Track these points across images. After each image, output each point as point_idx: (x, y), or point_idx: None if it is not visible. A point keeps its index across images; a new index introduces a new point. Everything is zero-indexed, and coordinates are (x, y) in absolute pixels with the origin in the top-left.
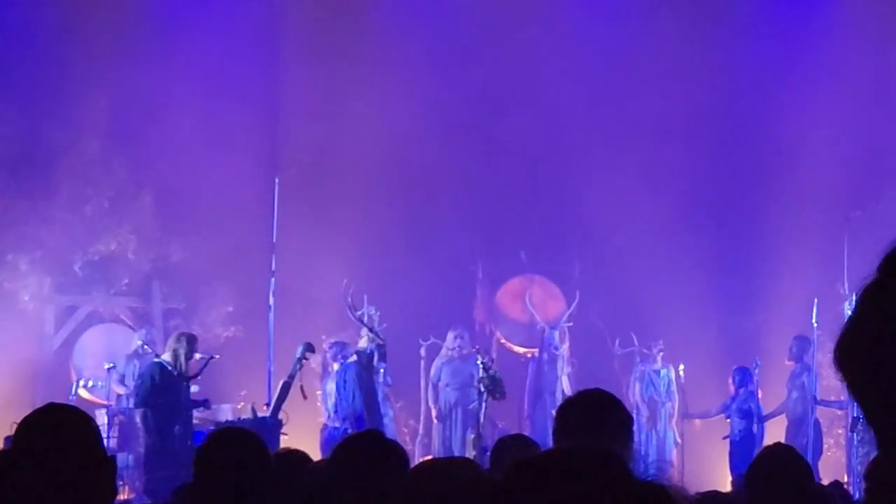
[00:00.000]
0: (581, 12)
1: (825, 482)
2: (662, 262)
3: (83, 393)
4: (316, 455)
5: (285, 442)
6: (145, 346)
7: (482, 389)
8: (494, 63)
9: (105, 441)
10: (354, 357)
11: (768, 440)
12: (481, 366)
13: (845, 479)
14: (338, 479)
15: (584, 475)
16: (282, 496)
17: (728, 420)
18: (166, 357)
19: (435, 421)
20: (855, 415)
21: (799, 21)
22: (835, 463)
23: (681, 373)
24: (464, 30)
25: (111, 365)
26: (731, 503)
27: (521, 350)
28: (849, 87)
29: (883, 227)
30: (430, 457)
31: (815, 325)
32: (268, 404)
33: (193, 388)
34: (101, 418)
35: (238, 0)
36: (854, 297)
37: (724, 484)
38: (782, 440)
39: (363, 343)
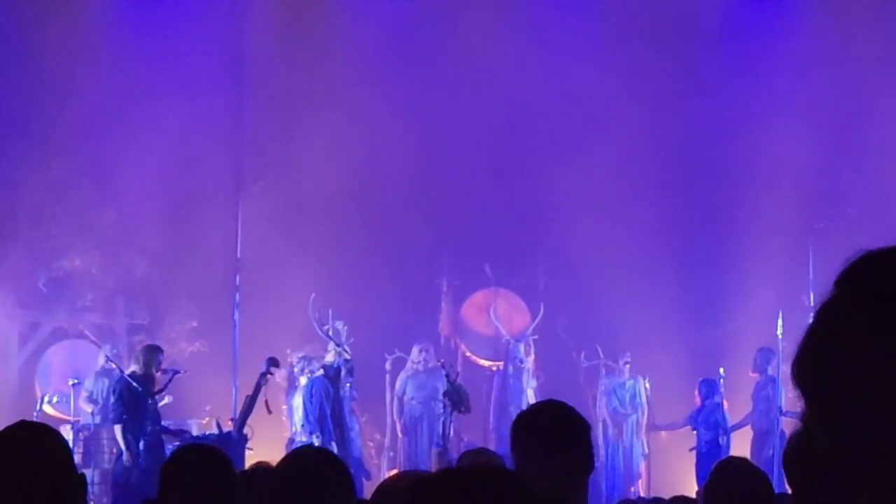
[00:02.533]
0: (552, 26)
1: (790, 492)
2: (628, 274)
3: (48, 409)
4: None
5: (251, 457)
6: (111, 362)
7: (447, 403)
8: (462, 77)
9: None
10: (321, 371)
11: (735, 452)
12: (447, 379)
13: None
14: (284, 495)
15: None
16: None
17: (694, 432)
18: (133, 371)
19: (400, 435)
20: None
21: (763, 36)
22: None
23: (646, 385)
24: (428, 46)
25: (75, 381)
26: None
27: (486, 363)
28: (814, 99)
29: (848, 238)
30: (395, 471)
31: (780, 336)
32: (233, 419)
33: (167, 401)
34: (66, 434)
35: (204, 16)
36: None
37: (691, 495)
38: (748, 452)
39: (330, 357)
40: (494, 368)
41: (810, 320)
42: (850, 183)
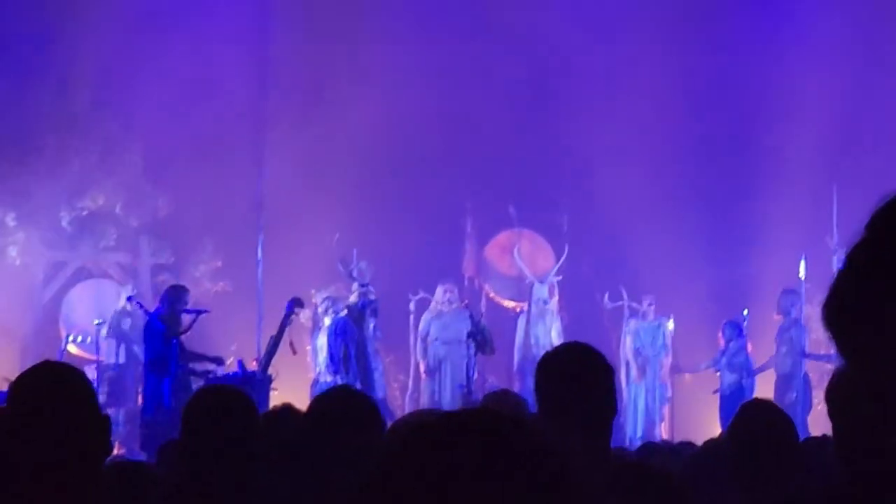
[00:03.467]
0: None
1: (814, 436)
2: (652, 215)
3: (72, 348)
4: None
5: (275, 397)
6: (135, 303)
7: (471, 344)
8: (490, 21)
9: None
10: (345, 312)
11: (758, 394)
12: (471, 321)
13: None
14: (313, 434)
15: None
16: (270, 452)
17: (718, 374)
18: (159, 311)
19: (423, 376)
20: None
21: None
22: (825, 417)
23: (670, 326)
24: None
25: (100, 321)
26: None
27: (510, 304)
28: (841, 37)
29: (872, 180)
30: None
31: (803, 278)
32: (257, 359)
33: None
34: (91, 374)
35: None
36: (843, 251)
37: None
38: (772, 394)
39: (354, 298)
40: (518, 309)
41: (834, 262)
42: (875, 124)
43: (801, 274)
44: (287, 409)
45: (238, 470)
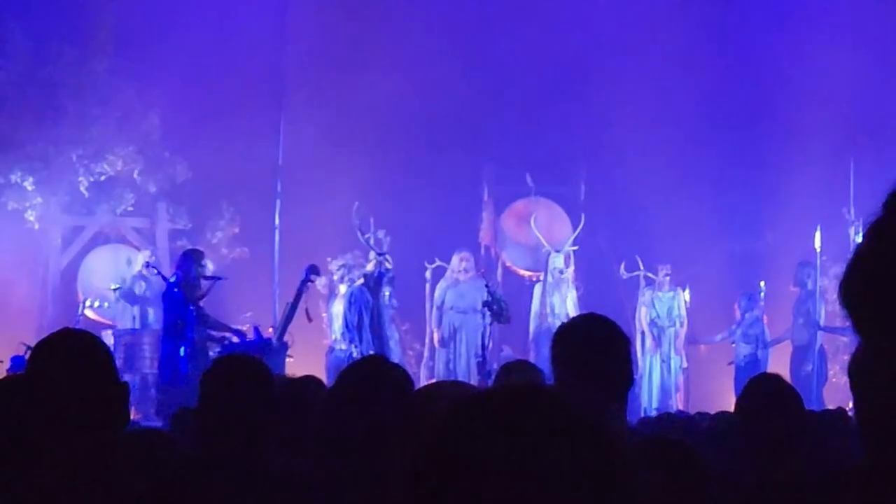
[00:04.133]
0: None
1: (830, 408)
2: (668, 186)
3: (90, 313)
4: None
5: (291, 365)
6: (153, 268)
7: (488, 313)
8: None
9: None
10: (361, 280)
11: (773, 366)
12: (487, 290)
13: (850, 406)
14: (341, 404)
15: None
16: (289, 423)
17: (733, 345)
18: (176, 277)
19: (437, 346)
20: None
21: None
22: (840, 389)
23: (686, 297)
24: None
25: (117, 286)
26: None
27: (526, 274)
28: (860, 9)
29: (889, 153)
30: (434, 381)
31: (819, 250)
32: (273, 326)
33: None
34: (108, 339)
35: None
36: (860, 224)
37: (729, 409)
38: (787, 366)
39: (370, 266)
40: (534, 279)
41: (851, 233)
42: (892, 96)
43: (817, 246)
44: (312, 380)
45: (253, 438)
